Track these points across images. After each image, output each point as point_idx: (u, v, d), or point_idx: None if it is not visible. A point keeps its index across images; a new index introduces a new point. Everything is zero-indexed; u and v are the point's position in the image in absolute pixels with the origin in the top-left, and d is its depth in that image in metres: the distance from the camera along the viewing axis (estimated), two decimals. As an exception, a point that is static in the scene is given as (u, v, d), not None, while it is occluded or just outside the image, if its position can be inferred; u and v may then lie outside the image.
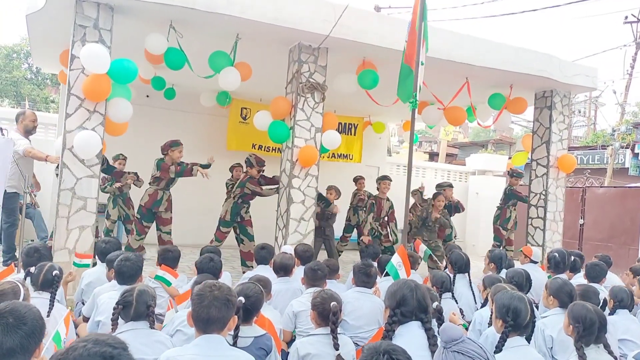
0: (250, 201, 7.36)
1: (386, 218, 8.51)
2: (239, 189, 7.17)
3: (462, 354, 1.98)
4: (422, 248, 6.10)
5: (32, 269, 3.44)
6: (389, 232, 8.55)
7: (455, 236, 8.83)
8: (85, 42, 5.19)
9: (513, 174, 9.15)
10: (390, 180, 8.51)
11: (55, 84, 23.90)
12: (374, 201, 8.47)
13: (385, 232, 8.46)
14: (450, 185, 8.72)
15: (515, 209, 9.13)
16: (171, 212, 7.21)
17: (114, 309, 2.79)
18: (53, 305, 3.26)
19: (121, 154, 7.93)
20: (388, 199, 8.53)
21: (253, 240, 7.23)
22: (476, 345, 2.03)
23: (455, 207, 8.70)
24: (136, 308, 2.73)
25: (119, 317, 2.78)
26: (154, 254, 7.74)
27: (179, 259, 4.44)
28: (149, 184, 7.08)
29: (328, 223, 7.83)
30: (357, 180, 9.26)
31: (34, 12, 5.74)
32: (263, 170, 7.36)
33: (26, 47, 27.39)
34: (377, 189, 8.54)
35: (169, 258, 4.35)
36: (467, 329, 3.97)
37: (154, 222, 7.11)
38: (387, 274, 4.72)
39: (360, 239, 8.15)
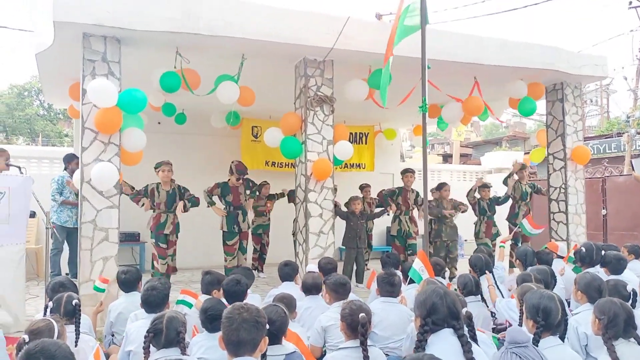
0: (241, 207, 7.72)
1: (414, 210, 8.48)
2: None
3: (519, 357, 2.00)
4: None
5: (50, 303, 3.44)
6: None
7: (499, 234, 8.79)
8: (95, 76, 5.27)
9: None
10: (413, 172, 8.46)
11: (68, 118, 24.26)
12: (397, 190, 8.43)
13: (416, 229, 8.42)
14: (485, 186, 8.87)
15: (525, 204, 8.79)
16: (177, 235, 7.31)
17: (145, 337, 2.79)
18: (79, 335, 3.27)
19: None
20: (413, 190, 8.48)
21: (245, 253, 7.84)
22: (537, 355, 2.03)
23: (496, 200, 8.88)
24: (167, 335, 2.74)
25: (151, 345, 2.79)
26: (180, 278, 7.86)
27: (221, 281, 4.19)
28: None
29: (357, 234, 7.77)
30: (363, 188, 9.31)
31: (43, 51, 5.86)
32: (243, 179, 7.78)
33: (37, 84, 27.91)
34: (402, 179, 8.54)
35: (208, 281, 4.23)
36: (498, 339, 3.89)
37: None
38: (411, 281, 4.69)
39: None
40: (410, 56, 5.72)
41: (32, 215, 7.85)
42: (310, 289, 4.30)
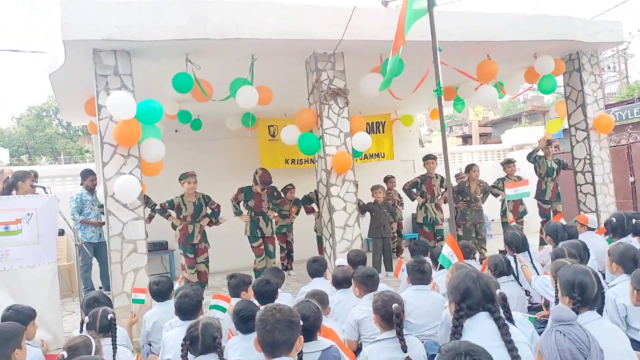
0: (263, 214, 7.83)
1: (443, 193, 8.41)
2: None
3: (564, 335, 1.99)
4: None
5: (86, 318, 3.48)
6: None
7: (526, 212, 8.73)
8: (109, 90, 5.32)
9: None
10: (435, 158, 8.41)
11: (87, 134, 24.63)
12: (419, 180, 8.39)
13: (442, 216, 8.38)
14: (509, 161, 8.79)
15: (552, 180, 8.73)
16: (206, 242, 7.57)
17: (182, 345, 2.81)
18: (116, 348, 3.31)
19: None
20: (437, 176, 8.44)
21: (273, 257, 8.03)
22: (583, 333, 2.01)
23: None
24: (203, 342, 2.75)
25: (188, 353, 2.81)
26: (211, 282, 7.94)
27: (247, 282, 4.19)
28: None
29: (381, 223, 7.76)
30: (388, 179, 9.27)
31: (55, 71, 5.93)
32: (268, 189, 7.87)
33: (54, 104, 28.37)
34: (424, 166, 8.52)
35: (235, 285, 4.20)
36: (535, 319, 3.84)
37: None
38: (441, 267, 4.65)
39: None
40: (420, 40, 5.64)
41: (61, 233, 8.00)
42: (340, 282, 4.29)
